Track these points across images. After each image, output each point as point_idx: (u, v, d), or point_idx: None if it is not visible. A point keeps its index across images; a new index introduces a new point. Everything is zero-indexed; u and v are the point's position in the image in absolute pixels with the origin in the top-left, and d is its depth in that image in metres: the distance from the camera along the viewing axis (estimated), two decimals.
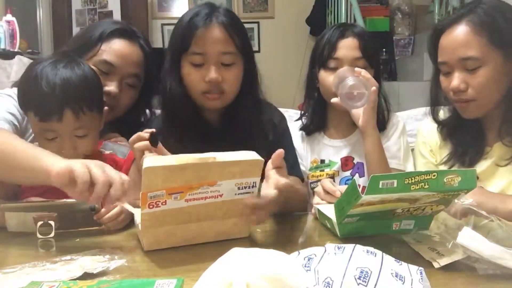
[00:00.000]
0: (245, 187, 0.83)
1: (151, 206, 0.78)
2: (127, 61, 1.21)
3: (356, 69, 1.22)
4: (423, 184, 0.75)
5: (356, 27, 1.34)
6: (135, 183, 0.86)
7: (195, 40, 1.07)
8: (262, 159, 0.81)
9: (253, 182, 0.83)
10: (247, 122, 1.16)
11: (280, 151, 0.87)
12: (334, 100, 1.24)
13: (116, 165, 1.09)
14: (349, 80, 1.18)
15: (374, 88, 1.19)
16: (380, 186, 0.73)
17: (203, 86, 1.09)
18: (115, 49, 1.20)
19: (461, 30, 1.10)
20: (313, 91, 1.38)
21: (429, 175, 0.75)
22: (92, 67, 1.10)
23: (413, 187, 0.74)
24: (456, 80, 1.10)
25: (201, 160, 0.77)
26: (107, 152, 1.10)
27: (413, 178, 0.74)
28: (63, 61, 1.01)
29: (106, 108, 1.10)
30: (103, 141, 1.14)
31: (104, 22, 1.29)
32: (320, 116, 1.39)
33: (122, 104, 1.23)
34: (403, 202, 0.80)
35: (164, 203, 0.78)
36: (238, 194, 0.83)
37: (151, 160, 0.77)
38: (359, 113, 1.24)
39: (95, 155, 1.08)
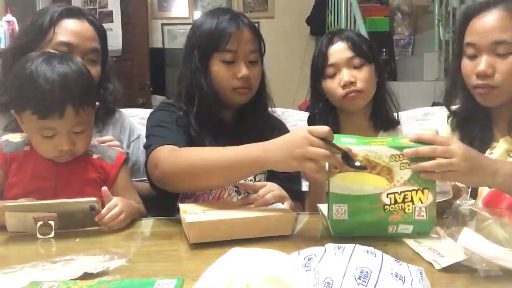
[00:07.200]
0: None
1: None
2: (82, 37, 1.26)
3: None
4: (381, 142, 0.86)
5: (343, 32, 1.36)
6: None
7: (229, 39, 1.17)
8: (294, 214, 0.95)
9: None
10: (256, 118, 1.25)
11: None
12: None
13: (104, 171, 1.09)
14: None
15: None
16: (342, 141, 0.86)
17: (235, 83, 1.19)
18: (67, 28, 1.25)
19: (498, 14, 1.08)
20: (319, 102, 1.39)
21: (385, 139, 0.88)
22: (52, 51, 1.16)
23: (372, 142, 0.86)
24: (484, 64, 1.08)
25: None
26: (94, 156, 1.09)
27: (370, 140, 0.87)
28: (56, 57, 1.01)
29: (97, 103, 1.10)
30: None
31: (49, 7, 1.33)
32: (332, 124, 1.33)
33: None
34: (382, 177, 0.84)
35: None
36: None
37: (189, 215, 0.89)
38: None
39: (83, 157, 1.07)
